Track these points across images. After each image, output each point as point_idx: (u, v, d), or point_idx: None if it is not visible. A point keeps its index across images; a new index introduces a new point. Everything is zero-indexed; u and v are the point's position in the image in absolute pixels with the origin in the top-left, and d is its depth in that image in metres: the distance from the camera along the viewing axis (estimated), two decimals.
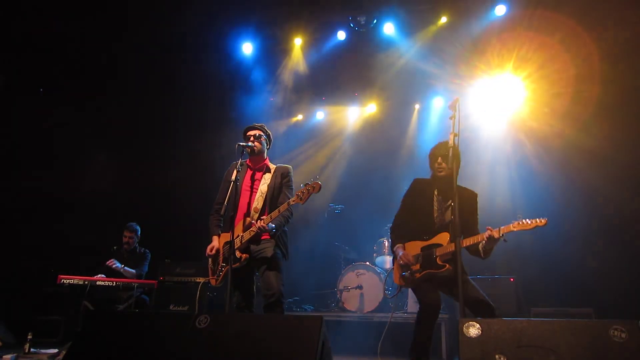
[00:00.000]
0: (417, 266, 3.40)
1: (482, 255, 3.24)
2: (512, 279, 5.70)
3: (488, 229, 3.09)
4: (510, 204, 6.86)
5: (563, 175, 6.56)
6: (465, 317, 2.64)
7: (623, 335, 2.19)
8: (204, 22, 7.34)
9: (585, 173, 6.38)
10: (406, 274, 3.41)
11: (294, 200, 3.48)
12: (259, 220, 3.56)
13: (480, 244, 3.17)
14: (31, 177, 7.23)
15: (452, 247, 3.17)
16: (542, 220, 2.96)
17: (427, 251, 3.37)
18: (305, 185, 3.44)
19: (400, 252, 3.46)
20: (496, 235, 3.03)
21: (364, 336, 5.64)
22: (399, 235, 3.59)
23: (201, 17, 7.24)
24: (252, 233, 3.56)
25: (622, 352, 2.14)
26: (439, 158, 3.42)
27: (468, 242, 3.18)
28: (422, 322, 3.34)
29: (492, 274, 5.95)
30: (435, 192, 3.51)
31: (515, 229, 3.01)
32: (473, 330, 2.39)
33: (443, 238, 3.32)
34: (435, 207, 3.47)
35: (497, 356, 2.28)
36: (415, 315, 3.38)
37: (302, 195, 3.43)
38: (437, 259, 3.29)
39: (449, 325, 5.28)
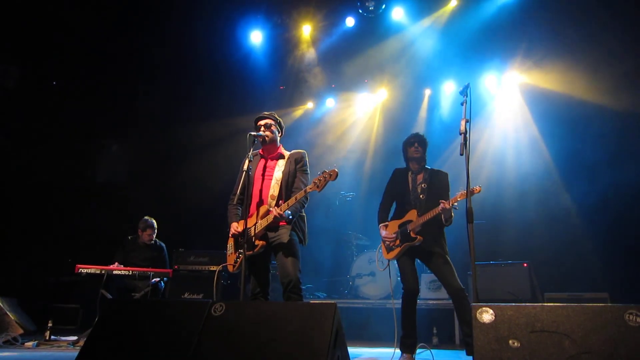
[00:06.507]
0: (397, 241, 3.99)
1: (444, 222, 3.81)
2: (525, 264, 5.66)
3: (441, 202, 3.68)
4: (520, 189, 6.83)
5: (576, 157, 6.48)
6: (479, 302, 2.64)
7: (638, 319, 2.17)
8: (213, 12, 7.32)
9: (598, 154, 6.29)
10: (391, 245, 4.06)
11: (310, 188, 3.46)
12: (275, 208, 3.53)
13: (441, 215, 3.74)
14: (49, 168, 7.34)
15: (420, 221, 3.84)
16: (477, 188, 3.49)
17: (403, 228, 3.98)
18: (322, 172, 3.43)
19: (383, 232, 4.10)
20: (447, 206, 3.65)
21: (377, 323, 5.68)
22: (382, 217, 4.22)
23: (210, 6, 7.22)
24: (269, 220, 3.55)
25: (638, 336, 2.13)
26: (415, 143, 4.10)
27: (430, 215, 3.77)
28: (403, 308, 3.86)
29: (505, 259, 5.93)
30: (410, 174, 4.12)
31: (460, 198, 3.60)
32: (487, 315, 2.39)
33: (412, 214, 3.94)
34: (410, 188, 4.06)
35: (510, 341, 2.28)
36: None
37: (319, 182, 3.42)
38: (411, 232, 3.87)
39: None
